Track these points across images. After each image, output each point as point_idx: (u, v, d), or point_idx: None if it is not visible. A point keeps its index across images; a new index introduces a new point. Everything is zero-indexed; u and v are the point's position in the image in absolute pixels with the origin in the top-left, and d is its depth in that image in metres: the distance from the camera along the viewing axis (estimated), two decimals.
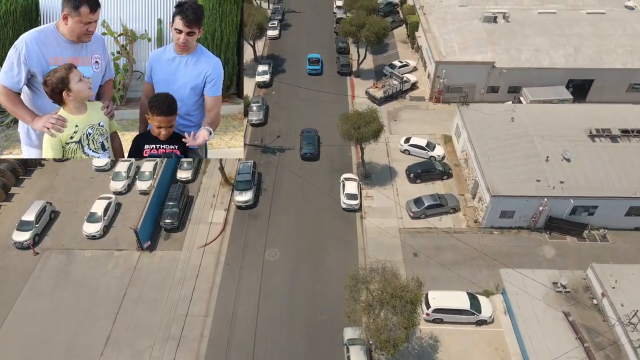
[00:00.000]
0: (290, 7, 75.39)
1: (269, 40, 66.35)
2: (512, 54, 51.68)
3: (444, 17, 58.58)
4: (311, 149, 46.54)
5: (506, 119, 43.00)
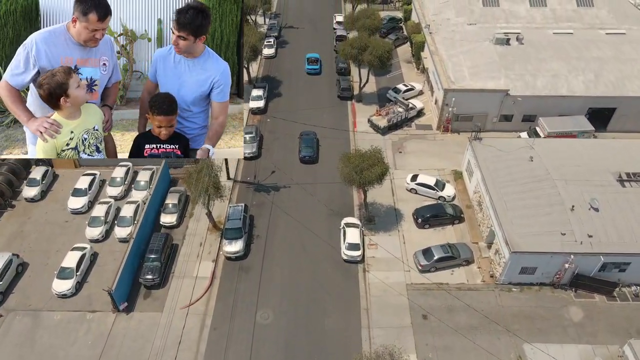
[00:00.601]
0: (288, 22, 71.30)
1: (264, 60, 62.26)
2: (527, 80, 47.56)
3: (452, 38, 54.50)
4: (310, 152, 46.10)
5: (524, 157, 38.88)
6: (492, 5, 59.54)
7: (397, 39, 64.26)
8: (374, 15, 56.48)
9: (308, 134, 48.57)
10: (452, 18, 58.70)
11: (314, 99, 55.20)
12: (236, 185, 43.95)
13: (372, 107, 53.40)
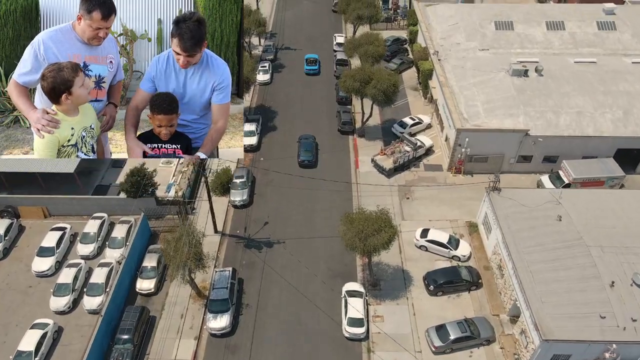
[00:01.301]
0: (284, 42, 66.48)
1: (258, 86, 57.48)
2: (549, 118, 42.79)
3: (463, 66, 49.72)
4: (309, 156, 46.06)
5: (551, 215, 34.09)
6: (505, 29, 54.82)
7: (402, 63, 59.50)
8: (377, 41, 51.66)
9: (307, 137, 48.14)
10: (463, 42, 53.96)
11: (313, 131, 50.37)
12: (224, 240, 39.16)
13: (376, 143, 48.65)
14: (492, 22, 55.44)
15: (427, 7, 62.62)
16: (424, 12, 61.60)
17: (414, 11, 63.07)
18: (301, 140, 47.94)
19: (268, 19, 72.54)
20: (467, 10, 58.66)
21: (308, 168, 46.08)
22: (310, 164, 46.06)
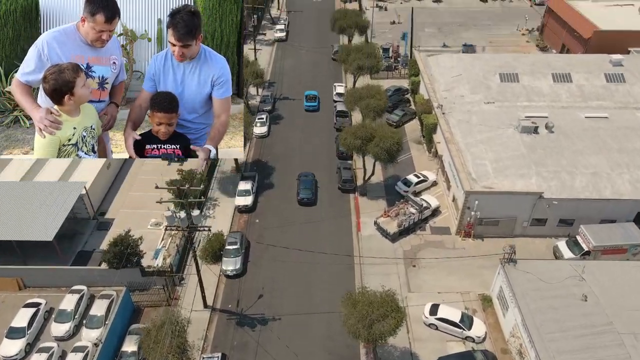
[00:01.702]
0: (282, 92, 64.78)
1: (255, 139, 55.22)
2: (564, 179, 40.14)
3: (469, 121, 47.53)
4: (308, 194, 45.49)
5: (574, 294, 30.88)
6: (510, 81, 53.08)
7: (404, 114, 57.48)
8: (379, 94, 49.71)
9: (307, 175, 47.81)
10: (467, 95, 52.04)
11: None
12: (214, 317, 35.68)
13: (379, 202, 45.85)
14: (497, 74, 53.78)
15: (429, 57, 61.27)
16: (426, 62, 60.15)
17: (415, 61, 61.65)
18: (300, 178, 47.37)
19: (267, 67, 71.36)
20: (469, 61, 57.21)
21: (307, 206, 45.47)
22: (309, 202, 45.41)
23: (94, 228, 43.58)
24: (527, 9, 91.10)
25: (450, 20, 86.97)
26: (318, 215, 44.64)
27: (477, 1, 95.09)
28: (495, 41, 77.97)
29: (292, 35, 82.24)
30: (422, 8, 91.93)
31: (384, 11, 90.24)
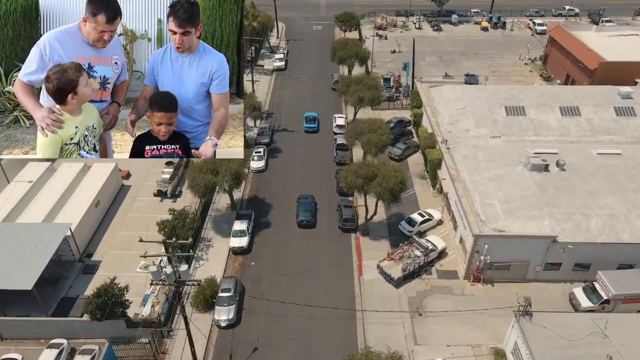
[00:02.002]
0: (281, 124, 62.97)
1: (252, 174, 53.12)
2: (578, 221, 37.83)
3: (475, 156, 45.50)
4: (308, 216, 45.21)
5: (598, 354, 28.20)
6: (517, 115, 51.35)
7: (407, 147, 55.54)
8: (381, 129, 47.82)
9: (306, 197, 47.64)
10: (472, 129, 50.19)
11: (311, 230, 45.36)
12: None
13: (381, 242, 43.42)
14: (502, 106, 52.09)
15: (432, 88, 59.76)
16: (428, 93, 58.58)
17: (417, 92, 60.09)
18: (300, 200, 47.18)
19: (265, 97, 69.84)
20: (474, 93, 55.59)
21: (307, 228, 45.25)
22: (309, 224, 45.13)
23: (79, 271, 41.00)
24: (529, 37, 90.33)
25: (452, 49, 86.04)
26: (318, 258, 42.09)
27: (478, 30, 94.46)
28: (498, 71, 76.76)
29: (291, 65, 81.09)
30: (423, 37, 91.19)
31: (384, 40, 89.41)
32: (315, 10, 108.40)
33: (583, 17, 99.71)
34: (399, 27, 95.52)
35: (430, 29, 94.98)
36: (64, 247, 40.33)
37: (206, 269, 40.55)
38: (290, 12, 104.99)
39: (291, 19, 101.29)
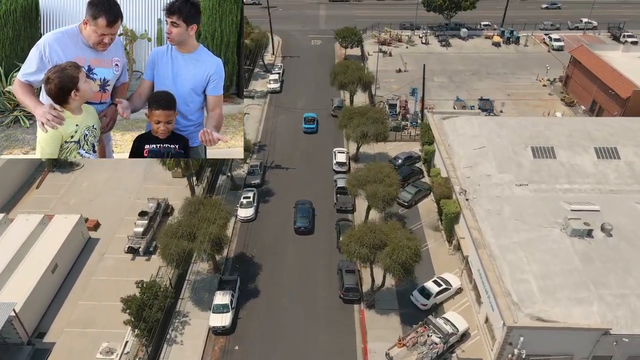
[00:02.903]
0: (274, 159, 55.96)
1: (240, 224, 46.17)
2: (633, 306, 30.85)
3: (500, 212, 38.57)
4: (305, 223, 44.59)
5: None
6: (546, 157, 44.45)
7: (417, 191, 48.57)
8: (389, 177, 40.81)
9: (304, 202, 46.73)
10: (494, 174, 43.23)
11: (306, 298, 38.43)
12: None
13: (390, 317, 36.51)
14: (528, 147, 45.16)
15: (445, 120, 52.82)
16: (441, 127, 51.67)
17: (428, 125, 53.18)
18: (298, 206, 46.31)
19: (257, 124, 62.96)
20: (493, 127, 48.60)
21: (304, 235, 44.42)
22: (306, 231, 44.42)
23: (27, 357, 34.05)
24: (544, 54, 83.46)
25: (462, 67, 79.16)
26: (315, 341, 35.09)
27: (490, 45, 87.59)
28: (514, 94, 69.83)
29: (287, 86, 74.10)
30: (430, 53, 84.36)
31: (389, 57, 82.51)
32: (313, 22, 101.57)
33: (602, 31, 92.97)
34: (404, 42, 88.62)
35: (438, 44, 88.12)
36: (8, 329, 33.44)
37: (178, 357, 33.62)
38: (287, 24, 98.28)
39: (288, 33, 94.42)
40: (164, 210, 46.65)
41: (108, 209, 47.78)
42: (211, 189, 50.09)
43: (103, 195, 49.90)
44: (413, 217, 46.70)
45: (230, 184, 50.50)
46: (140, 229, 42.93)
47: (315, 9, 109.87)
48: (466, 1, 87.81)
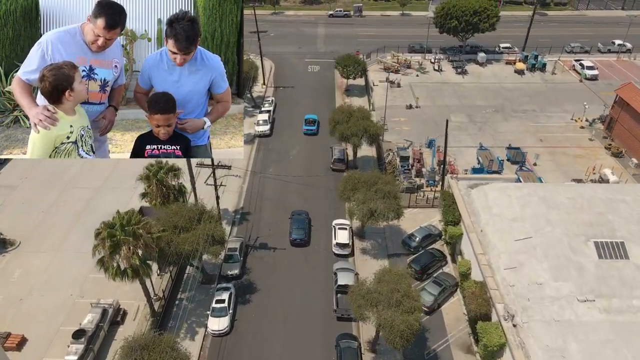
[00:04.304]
0: (259, 234, 44.86)
1: (210, 337, 35.23)
2: None
3: (565, 348, 27.74)
4: (301, 234, 42.51)
5: None
6: (614, 257, 33.72)
7: (442, 289, 37.53)
8: (408, 296, 29.75)
9: (300, 213, 45.36)
10: (547, 281, 32.47)
11: None
12: None
13: None
14: (590, 241, 34.38)
15: (473, 190, 41.95)
16: (469, 201, 40.81)
17: (450, 195, 42.31)
18: (293, 217, 44.72)
19: (240, 183, 51.98)
20: (539, 206, 37.84)
21: (300, 247, 42.53)
22: (302, 243, 42.64)
23: None
24: (576, 85, 72.57)
25: (482, 101, 68.21)
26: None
27: (512, 73, 76.60)
28: (548, 139, 58.90)
29: (279, 127, 62.97)
30: (444, 83, 73.44)
31: (397, 88, 71.51)
32: (311, 43, 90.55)
33: (637, 54, 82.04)
34: (414, 68, 77.65)
35: (453, 71, 77.12)
36: None
37: None
38: (281, 45, 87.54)
39: (282, 56, 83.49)
40: (112, 318, 35.76)
41: (40, 313, 36.91)
42: (175, 284, 39.14)
43: (37, 290, 38.95)
44: (436, 329, 35.78)
45: (201, 276, 39.59)
46: (73, 357, 32.00)
47: (313, 27, 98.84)
48: (485, 22, 76.73)
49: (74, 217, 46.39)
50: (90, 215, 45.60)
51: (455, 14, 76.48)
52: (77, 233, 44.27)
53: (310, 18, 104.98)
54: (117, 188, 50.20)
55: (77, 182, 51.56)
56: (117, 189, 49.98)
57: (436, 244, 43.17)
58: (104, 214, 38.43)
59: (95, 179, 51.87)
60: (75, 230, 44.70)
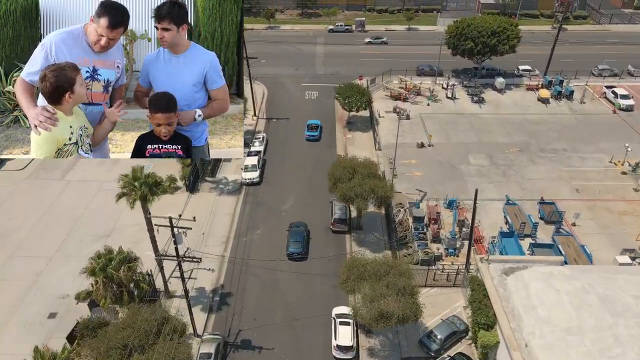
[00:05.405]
0: (242, 327, 36.18)
1: None
2: None
3: None
4: (299, 248, 40.98)
5: None
6: None
7: None
8: None
9: (298, 225, 43.45)
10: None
11: None
12: None
13: None
14: None
15: (507, 277, 33.34)
16: (504, 295, 32.20)
17: (479, 282, 33.67)
18: (291, 229, 42.79)
19: (223, 245, 43.41)
20: (601, 308, 29.35)
21: (298, 261, 40.28)
22: (300, 257, 40.55)
23: None
24: (610, 117, 63.89)
25: (504, 138, 59.55)
26: None
27: (535, 101, 67.83)
28: (585, 188, 50.18)
29: (270, 171, 54.04)
30: (459, 114, 64.79)
31: (406, 120, 62.75)
32: (309, 63, 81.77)
33: None
34: (425, 95, 68.95)
35: (468, 98, 68.38)
36: None
37: None
38: (276, 66, 78.99)
39: (276, 79, 74.87)
40: None
41: None
42: None
43: None
44: None
45: None
46: None
47: (312, 44, 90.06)
48: (504, 44, 67.98)
49: (14, 303, 37.52)
50: (33, 303, 36.93)
51: (471, 34, 67.80)
52: (12, 330, 35.42)
53: (309, 33, 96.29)
54: (74, 257, 41.39)
55: (24, 248, 42.90)
56: (74, 259, 41.12)
57: (462, 344, 34.53)
58: (49, 302, 29.92)
59: (48, 244, 43.18)
60: (11, 325, 35.82)
